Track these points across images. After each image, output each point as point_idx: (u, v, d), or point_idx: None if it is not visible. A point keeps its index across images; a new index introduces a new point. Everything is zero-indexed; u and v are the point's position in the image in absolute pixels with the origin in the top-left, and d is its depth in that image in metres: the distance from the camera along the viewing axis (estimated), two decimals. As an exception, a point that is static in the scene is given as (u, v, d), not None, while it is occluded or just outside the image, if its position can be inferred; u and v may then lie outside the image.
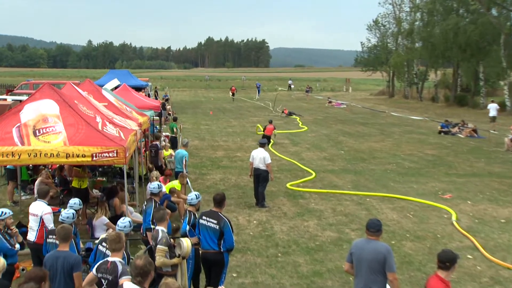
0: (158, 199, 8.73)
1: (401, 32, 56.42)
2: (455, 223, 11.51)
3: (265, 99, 54.06)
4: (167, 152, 17.36)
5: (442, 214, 12.40)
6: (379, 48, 61.40)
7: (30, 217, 7.87)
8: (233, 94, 59.64)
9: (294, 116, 35.87)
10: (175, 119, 21.32)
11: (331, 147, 22.83)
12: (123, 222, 6.83)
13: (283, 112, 37.23)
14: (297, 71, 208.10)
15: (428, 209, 12.82)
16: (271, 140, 22.55)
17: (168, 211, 8.75)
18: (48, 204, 8.03)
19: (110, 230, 8.57)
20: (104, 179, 13.51)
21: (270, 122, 23.17)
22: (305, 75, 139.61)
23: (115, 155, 7.79)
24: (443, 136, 26.93)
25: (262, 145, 13.04)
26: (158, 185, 8.70)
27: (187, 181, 13.20)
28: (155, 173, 12.49)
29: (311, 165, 18.42)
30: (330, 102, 48.30)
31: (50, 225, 7.68)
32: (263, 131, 23.17)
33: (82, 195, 10.65)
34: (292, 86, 74.29)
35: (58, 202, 11.60)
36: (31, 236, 7.77)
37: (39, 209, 7.81)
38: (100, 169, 14.24)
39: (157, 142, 16.38)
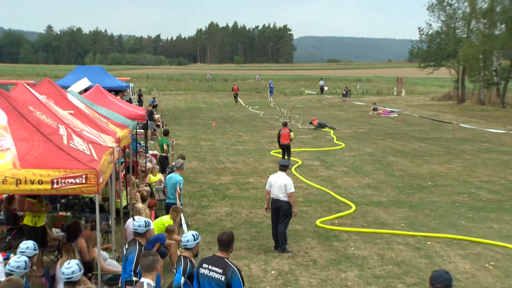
0: (144, 241, 8.72)
1: (475, 13, 54.79)
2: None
3: (284, 106, 54.14)
4: (154, 177, 17.46)
5: (534, 263, 12.20)
6: (444, 36, 60.18)
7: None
8: (236, 96, 60.03)
9: (326, 129, 35.93)
10: (165, 133, 21.49)
11: (377, 170, 22.78)
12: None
13: (311, 123, 37.33)
14: (330, 67, 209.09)
15: (514, 257, 12.65)
16: (293, 160, 22.55)
17: (159, 258, 8.72)
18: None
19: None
20: (69, 214, 13.54)
21: (285, 125, 23.50)
22: (341, 73, 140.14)
23: (83, 181, 7.75)
24: (534, 155, 26.68)
25: (283, 167, 13.03)
26: (145, 222, 8.69)
27: (181, 217, 13.21)
28: (141, 205, 12.53)
29: (350, 194, 18.40)
30: (375, 109, 48.35)
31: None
32: (278, 140, 23.60)
33: (38, 236, 10.60)
34: (325, 88, 74.45)
35: (4, 246, 11.54)
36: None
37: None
38: (62, 201, 14.33)
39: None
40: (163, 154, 20.30)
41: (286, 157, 23.14)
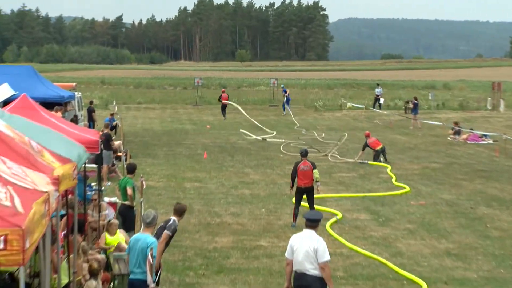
0: None
1: None
2: None
3: (314, 127, 54.15)
4: (111, 238, 17.29)
5: None
6: None
7: None
8: (223, 108, 60.54)
9: (379, 164, 35.73)
10: (130, 170, 21.35)
11: (461, 229, 22.65)
12: None
13: (366, 147, 37.04)
14: (386, 67, 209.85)
15: None
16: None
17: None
18: None
19: None
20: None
21: (304, 154, 22.92)
22: (402, 76, 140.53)
23: (1, 246, 7.76)
24: None
25: (312, 223, 12.98)
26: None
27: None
28: (93, 285, 12.36)
29: (418, 267, 18.33)
30: (457, 133, 48.14)
31: None
32: (292, 179, 22.85)
33: None
34: (381, 101, 73.86)
35: None
36: None
37: None
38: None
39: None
40: (126, 203, 20.21)
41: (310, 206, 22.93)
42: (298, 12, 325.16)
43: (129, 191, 20.08)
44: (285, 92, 67.06)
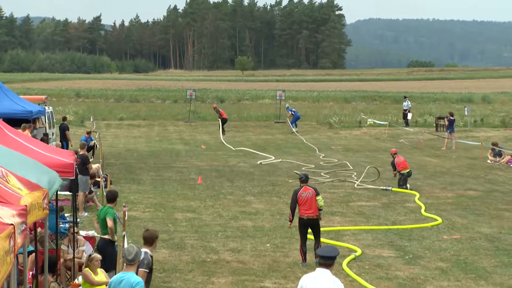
0: None
1: None
2: None
3: (329, 147, 54.22)
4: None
5: None
6: None
7: None
8: (224, 122, 61.71)
9: (405, 190, 35.69)
10: (111, 198, 21.33)
11: (503, 268, 22.58)
12: None
13: (394, 169, 37.06)
14: (414, 76, 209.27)
15: None
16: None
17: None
18: None
19: None
20: None
21: (304, 180, 22.85)
22: (433, 86, 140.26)
23: None
24: None
25: (326, 260, 12.97)
26: None
27: None
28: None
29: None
30: (498, 154, 47.92)
31: None
32: (292, 209, 22.94)
33: None
34: (409, 117, 73.62)
35: None
36: None
37: None
38: None
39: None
40: (106, 237, 20.15)
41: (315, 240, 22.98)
42: (310, 12, 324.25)
43: (110, 223, 19.78)
44: (291, 112, 67.31)
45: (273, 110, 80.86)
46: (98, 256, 17.98)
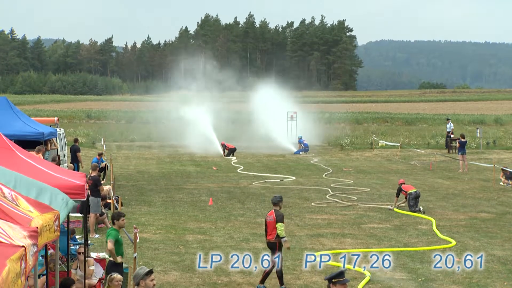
0: None
1: None
2: None
3: (340, 169, 54.17)
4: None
5: None
6: None
7: None
8: (229, 152, 62.64)
9: (418, 214, 35.49)
10: (116, 217, 21.23)
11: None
12: None
13: (390, 206, 37.04)
14: (426, 97, 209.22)
15: None
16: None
17: None
18: None
19: None
20: None
21: (274, 202, 22.77)
22: (445, 107, 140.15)
23: None
24: None
25: (338, 276, 12.94)
26: None
27: None
28: None
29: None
30: (509, 177, 47.63)
31: None
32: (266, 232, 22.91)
33: None
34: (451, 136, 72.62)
35: None
36: None
37: None
38: None
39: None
40: (111, 259, 20.07)
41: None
42: (321, 33, 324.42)
43: (109, 245, 19.57)
44: (302, 144, 67.51)
45: (284, 131, 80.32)
46: (119, 276, 17.42)
